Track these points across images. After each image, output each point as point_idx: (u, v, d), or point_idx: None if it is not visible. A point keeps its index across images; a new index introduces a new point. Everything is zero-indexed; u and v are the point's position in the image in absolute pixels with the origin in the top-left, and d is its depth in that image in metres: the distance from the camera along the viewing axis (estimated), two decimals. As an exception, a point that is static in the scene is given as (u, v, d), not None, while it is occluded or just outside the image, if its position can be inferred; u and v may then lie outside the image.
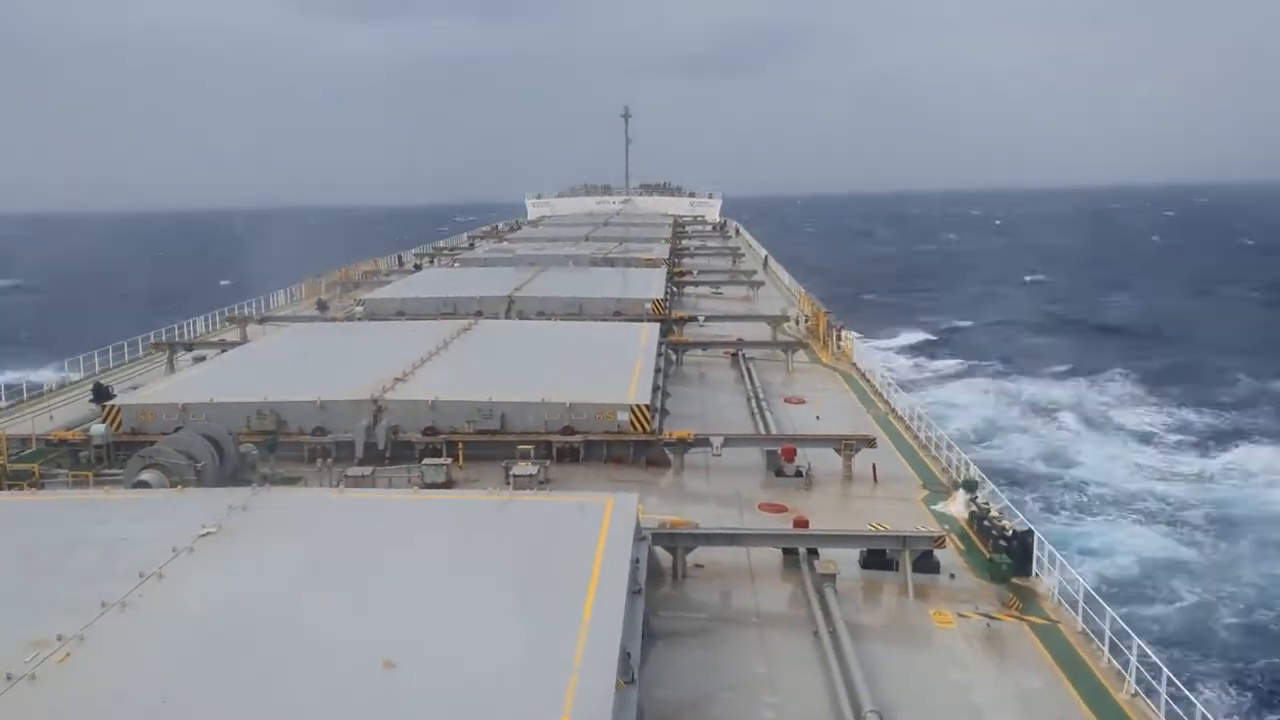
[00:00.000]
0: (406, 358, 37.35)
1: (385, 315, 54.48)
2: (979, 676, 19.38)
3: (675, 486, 30.52)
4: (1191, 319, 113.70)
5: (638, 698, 16.07)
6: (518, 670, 15.23)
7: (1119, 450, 62.95)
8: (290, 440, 31.40)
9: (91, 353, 45.95)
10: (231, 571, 18.92)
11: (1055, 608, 22.32)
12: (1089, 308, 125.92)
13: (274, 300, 67.74)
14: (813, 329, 56.13)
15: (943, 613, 21.98)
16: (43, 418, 36.05)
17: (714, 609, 22.15)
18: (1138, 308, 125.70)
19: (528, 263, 73.82)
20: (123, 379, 43.03)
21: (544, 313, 54.19)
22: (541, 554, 19.80)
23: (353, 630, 16.56)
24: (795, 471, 30.94)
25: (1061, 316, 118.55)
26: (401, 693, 14.64)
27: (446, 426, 31.83)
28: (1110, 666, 19.76)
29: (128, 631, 16.47)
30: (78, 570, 18.74)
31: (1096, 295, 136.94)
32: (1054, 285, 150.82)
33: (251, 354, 43.16)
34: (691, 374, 45.74)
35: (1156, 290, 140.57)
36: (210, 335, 54.85)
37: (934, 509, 28.47)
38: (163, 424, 31.28)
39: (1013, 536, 24.24)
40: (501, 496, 23.54)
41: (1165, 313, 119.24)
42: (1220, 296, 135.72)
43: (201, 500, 22.86)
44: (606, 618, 16.72)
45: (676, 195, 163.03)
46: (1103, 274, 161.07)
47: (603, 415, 31.99)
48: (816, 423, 36.86)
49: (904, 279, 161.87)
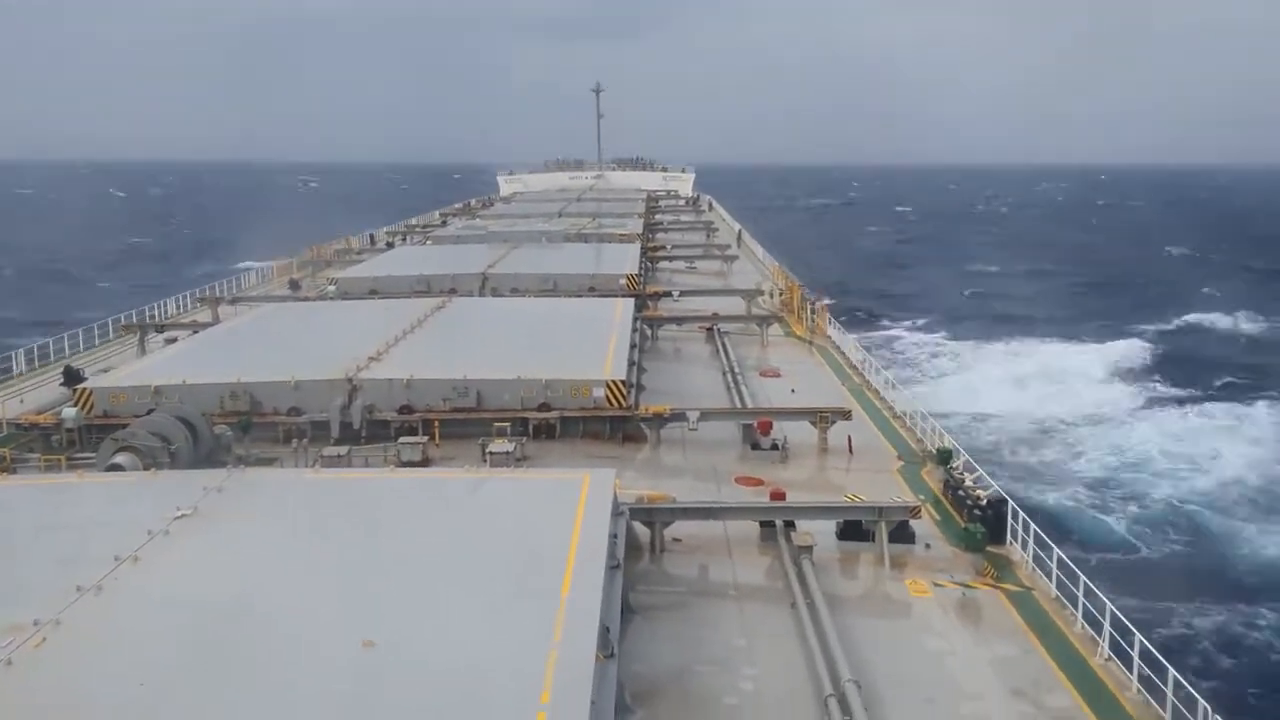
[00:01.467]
0: (380, 336, 37.17)
1: (358, 294, 54.11)
2: (955, 644, 19.59)
3: (652, 461, 30.58)
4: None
5: (617, 672, 16.16)
6: (498, 646, 15.26)
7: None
8: (265, 421, 31.22)
9: (61, 335, 45.47)
10: (207, 553, 18.83)
11: (1029, 575, 22.56)
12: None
13: (245, 280, 67.19)
14: (787, 303, 56.24)
15: (919, 582, 22.18)
16: (13, 401, 35.67)
17: (692, 583, 22.26)
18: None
19: (501, 239, 73.45)
20: (94, 361, 42.59)
21: (518, 290, 53.99)
22: (519, 531, 19.82)
23: (331, 610, 16.53)
24: (771, 445, 31.06)
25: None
26: (381, 671, 14.63)
27: (422, 405, 31.74)
28: (1084, 632, 20.02)
29: (104, 615, 16.38)
30: (52, 555, 18.59)
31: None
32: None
33: (224, 335, 42.84)
34: (667, 349, 45.76)
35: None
36: (182, 316, 54.32)
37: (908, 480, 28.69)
38: (135, 406, 30.98)
39: (987, 505, 24.47)
40: (478, 474, 23.53)
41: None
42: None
43: (176, 482, 22.70)
44: (585, 593, 16.77)
45: (649, 170, 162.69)
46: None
47: (578, 391, 31.98)
48: (792, 396, 36.98)
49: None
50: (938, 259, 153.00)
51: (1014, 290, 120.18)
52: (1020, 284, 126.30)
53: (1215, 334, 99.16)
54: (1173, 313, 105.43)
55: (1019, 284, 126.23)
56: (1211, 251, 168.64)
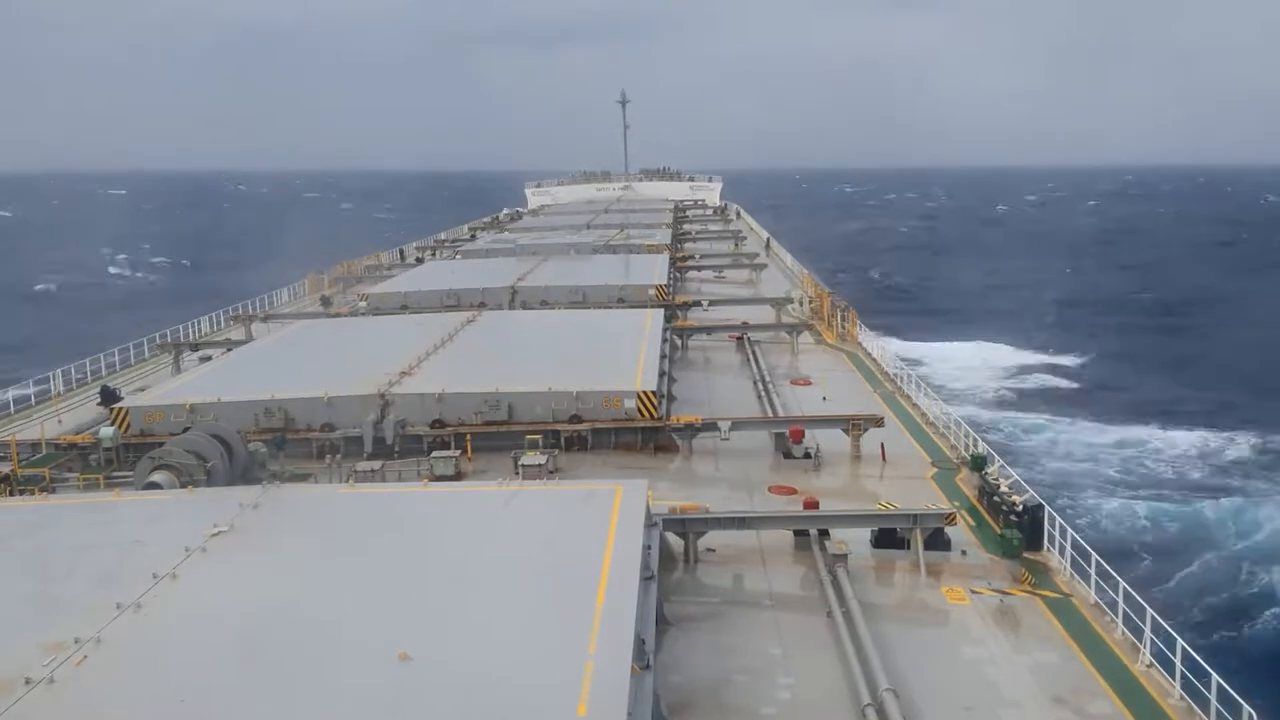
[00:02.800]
0: (412, 351, 37.37)
1: (389, 309, 54.43)
2: (994, 652, 19.40)
3: (684, 471, 30.53)
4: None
5: (653, 683, 16.12)
6: (533, 659, 15.26)
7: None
8: (298, 437, 31.44)
9: (98, 355, 46.01)
10: (244, 570, 18.96)
11: (1068, 581, 22.32)
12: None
13: (277, 298, 67.76)
14: (817, 310, 56.07)
15: (955, 590, 21.99)
16: (51, 422, 36.16)
17: (726, 593, 22.18)
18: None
19: (529, 252, 73.72)
20: (129, 381, 43.06)
21: (547, 302, 54.15)
22: (553, 543, 19.84)
23: (368, 624, 16.60)
24: (804, 453, 30.94)
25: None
26: (418, 685, 14.67)
27: (454, 419, 31.86)
28: (1125, 638, 19.78)
29: (143, 632, 16.52)
30: (91, 573, 18.78)
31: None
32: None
33: (257, 352, 43.18)
34: (697, 359, 45.72)
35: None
36: (215, 335, 54.84)
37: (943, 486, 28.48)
38: (171, 425, 31.31)
39: (1023, 511, 24.23)
40: (511, 487, 23.56)
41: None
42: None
43: (212, 500, 22.89)
44: (620, 604, 16.75)
45: (676, 180, 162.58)
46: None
47: (610, 403, 31.99)
48: (823, 404, 36.86)
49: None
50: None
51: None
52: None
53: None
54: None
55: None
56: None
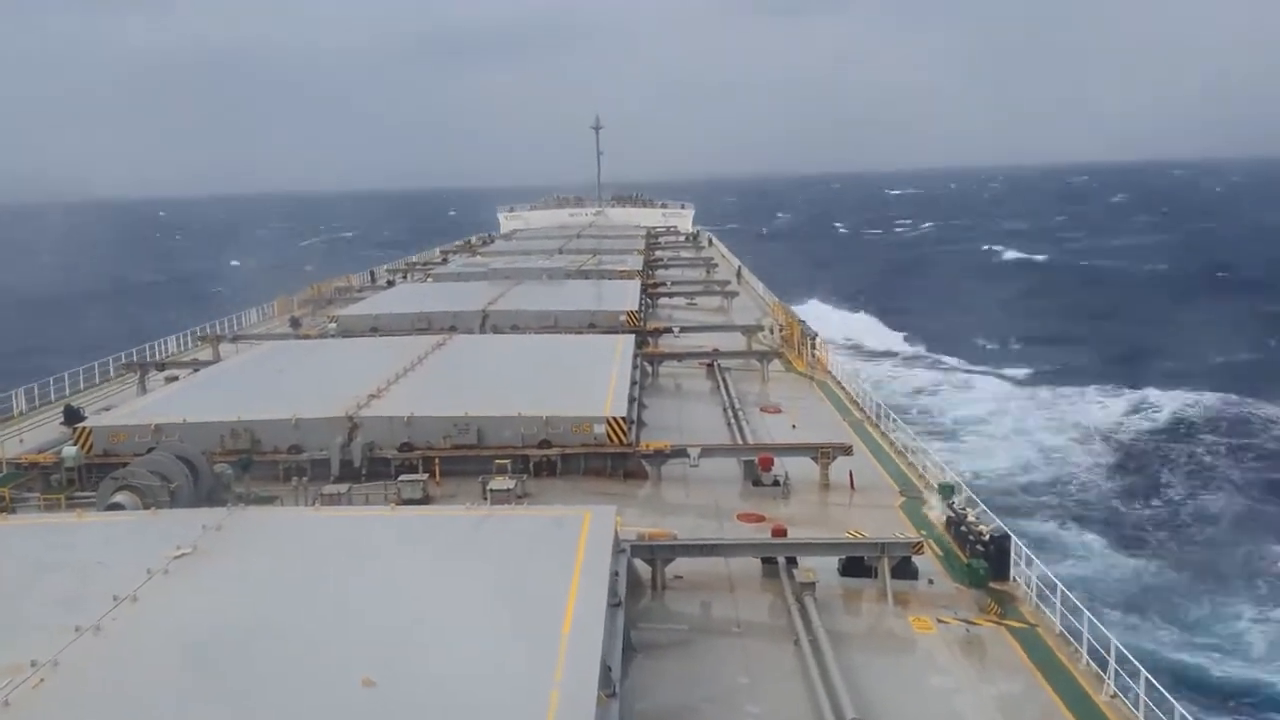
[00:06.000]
0: (381, 374, 37.17)
1: (359, 332, 54.18)
2: (960, 681, 19.44)
3: (653, 498, 30.49)
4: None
5: (620, 711, 16.03)
6: (499, 686, 15.15)
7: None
8: (265, 459, 31.15)
9: (61, 374, 45.49)
10: (207, 592, 18.73)
11: (1033, 611, 22.41)
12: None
13: (246, 319, 67.32)
14: (787, 338, 56.23)
15: (922, 619, 22.03)
16: (12, 441, 35.64)
17: (694, 620, 22.13)
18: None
19: (502, 276, 73.49)
20: (94, 400, 42.59)
21: (518, 326, 53.99)
22: (520, 569, 19.73)
23: (332, 649, 16.42)
24: (773, 481, 30.95)
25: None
26: (382, 711, 14.53)
27: (422, 442, 31.69)
28: (1089, 669, 19.86)
29: (102, 655, 16.27)
30: (50, 594, 18.50)
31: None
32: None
33: (224, 373, 42.81)
34: (667, 385, 45.71)
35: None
36: (182, 355, 54.33)
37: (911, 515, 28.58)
38: (135, 445, 30.95)
39: (990, 540, 24.33)
40: (479, 512, 23.44)
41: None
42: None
43: (175, 521, 22.61)
44: (587, 631, 16.67)
45: (649, 206, 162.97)
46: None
47: (579, 428, 31.93)
48: (793, 431, 36.91)
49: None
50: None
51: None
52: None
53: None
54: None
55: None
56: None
